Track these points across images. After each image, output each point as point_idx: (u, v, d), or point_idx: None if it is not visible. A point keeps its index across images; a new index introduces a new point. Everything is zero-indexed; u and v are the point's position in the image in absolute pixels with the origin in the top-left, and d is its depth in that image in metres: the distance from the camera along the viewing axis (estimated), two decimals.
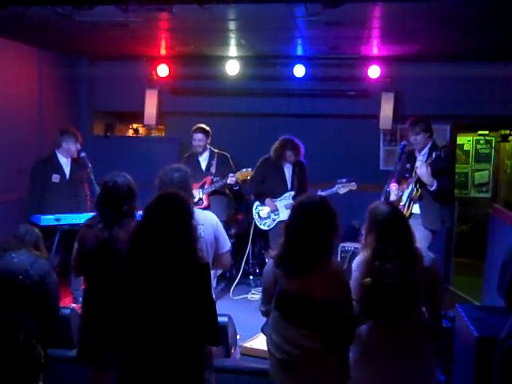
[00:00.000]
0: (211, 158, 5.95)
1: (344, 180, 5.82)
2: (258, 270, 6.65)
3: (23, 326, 3.19)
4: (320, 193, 5.71)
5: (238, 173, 5.83)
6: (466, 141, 9.53)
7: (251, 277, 6.56)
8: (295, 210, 2.81)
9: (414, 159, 5.05)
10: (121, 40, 6.12)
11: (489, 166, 9.59)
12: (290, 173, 6.00)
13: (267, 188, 6.00)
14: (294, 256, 2.72)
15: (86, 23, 4.95)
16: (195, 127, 6.00)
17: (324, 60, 7.16)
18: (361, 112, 7.35)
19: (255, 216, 6.05)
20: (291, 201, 5.86)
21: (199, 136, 5.90)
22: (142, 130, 9.01)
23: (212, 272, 4.53)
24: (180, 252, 2.52)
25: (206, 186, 5.81)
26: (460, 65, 6.81)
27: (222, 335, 4.18)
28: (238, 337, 4.59)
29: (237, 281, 6.29)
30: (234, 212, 7.05)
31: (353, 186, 5.82)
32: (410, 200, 4.92)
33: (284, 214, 5.81)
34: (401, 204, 5.00)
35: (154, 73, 7.45)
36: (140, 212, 2.90)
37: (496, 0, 4.21)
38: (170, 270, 2.50)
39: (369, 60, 7.00)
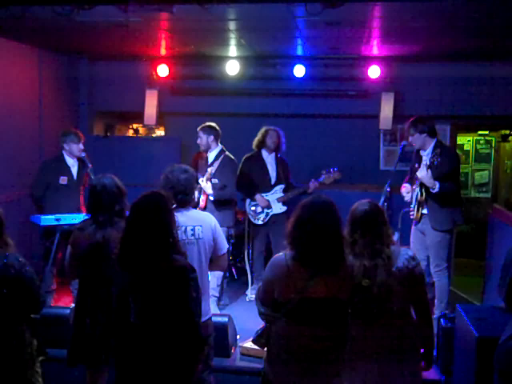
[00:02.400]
0: (216, 158, 5.67)
1: (329, 170, 5.84)
2: None
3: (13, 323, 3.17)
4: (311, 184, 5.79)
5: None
6: (465, 141, 9.54)
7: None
8: (313, 209, 2.77)
9: (421, 159, 5.02)
10: (121, 40, 6.11)
11: (489, 166, 9.59)
12: (274, 167, 5.98)
13: (253, 184, 5.96)
14: (324, 254, 2.69)
15: (86, 23, 4.95)
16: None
17: (324, 60, 7.16)
18: (361, 112, 7.35)
19: (250, 212, 6.01)
20: (282, 194, 5.90)
21: (199, 134, 5.71)
22: (141, 130, 9.01)
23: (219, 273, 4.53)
24: (159, 254, 2.60)
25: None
26: (460, 65, 6.82)
27: (221, 335, 4.20)
28: (238, 337, 4.59)
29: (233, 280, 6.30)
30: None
31: (337, 175, 5.83)
32: (418, 203, 4.89)
33: (277, 208, 5.88)
34: (411, 206, 4.98)
35: (154, 73, 7.45)
36: None
37: (496, 0, 4.21)
38: (150, 272, 2.58)
39: (369, 60, 7.00)
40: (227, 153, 5.74)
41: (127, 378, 2.66)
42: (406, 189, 5.02)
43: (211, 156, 5.70)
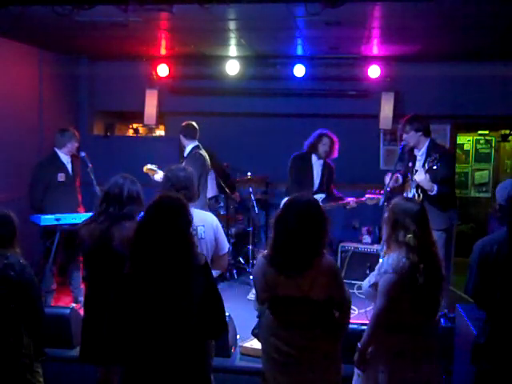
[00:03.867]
0: (188, 155, 5.74)
1: (373, 192, 5.74)
2: None
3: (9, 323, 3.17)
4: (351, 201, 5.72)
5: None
6: (466, 141, 9.53)
7: (251, 277, 6.56)
8: (287, 209, 2.79)
9: (415, 158, 5.02)
10: (121, 40, 6.12)
11: (489, 166, 9.58)
12: (319, 173, 5.89)
13: (294, 186, 5.76)
14: (289, 254, 2.71)
15: (86, 23, 4.96)
16: None
17: (324, 60, 7.16)
18: (361, 112, 7.35)
19: None
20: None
21: None
22: (141, 130, 9.01)
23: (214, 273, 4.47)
24: (182, 254, 2.52)
25: None
26: (460, 65, 6.82)
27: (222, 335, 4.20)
28: (237, 337, 4.59)
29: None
30: (234, 212, 7.05)
31: (378, 200, 5.56)
32: None
33: None
34: None
35: (154, 73, 7.45)
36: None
37: (495, 0, 4.21)
38: (174, 273, 2.50)
39: (369, 60, 7.00)
40: (198, 150, 5.68)
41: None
42: (395, 177, 4.99)
43: (186, 153, 5.79)
